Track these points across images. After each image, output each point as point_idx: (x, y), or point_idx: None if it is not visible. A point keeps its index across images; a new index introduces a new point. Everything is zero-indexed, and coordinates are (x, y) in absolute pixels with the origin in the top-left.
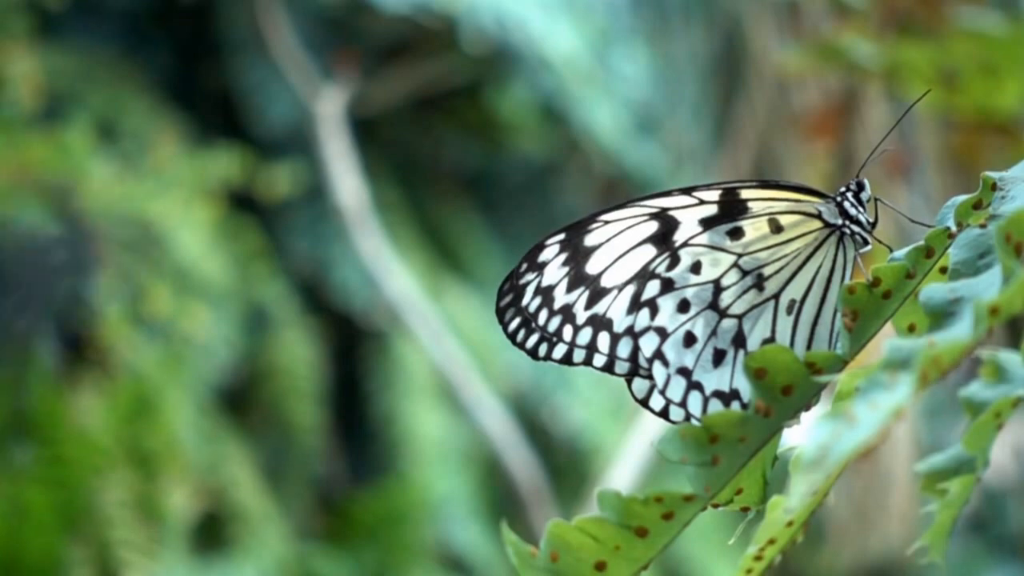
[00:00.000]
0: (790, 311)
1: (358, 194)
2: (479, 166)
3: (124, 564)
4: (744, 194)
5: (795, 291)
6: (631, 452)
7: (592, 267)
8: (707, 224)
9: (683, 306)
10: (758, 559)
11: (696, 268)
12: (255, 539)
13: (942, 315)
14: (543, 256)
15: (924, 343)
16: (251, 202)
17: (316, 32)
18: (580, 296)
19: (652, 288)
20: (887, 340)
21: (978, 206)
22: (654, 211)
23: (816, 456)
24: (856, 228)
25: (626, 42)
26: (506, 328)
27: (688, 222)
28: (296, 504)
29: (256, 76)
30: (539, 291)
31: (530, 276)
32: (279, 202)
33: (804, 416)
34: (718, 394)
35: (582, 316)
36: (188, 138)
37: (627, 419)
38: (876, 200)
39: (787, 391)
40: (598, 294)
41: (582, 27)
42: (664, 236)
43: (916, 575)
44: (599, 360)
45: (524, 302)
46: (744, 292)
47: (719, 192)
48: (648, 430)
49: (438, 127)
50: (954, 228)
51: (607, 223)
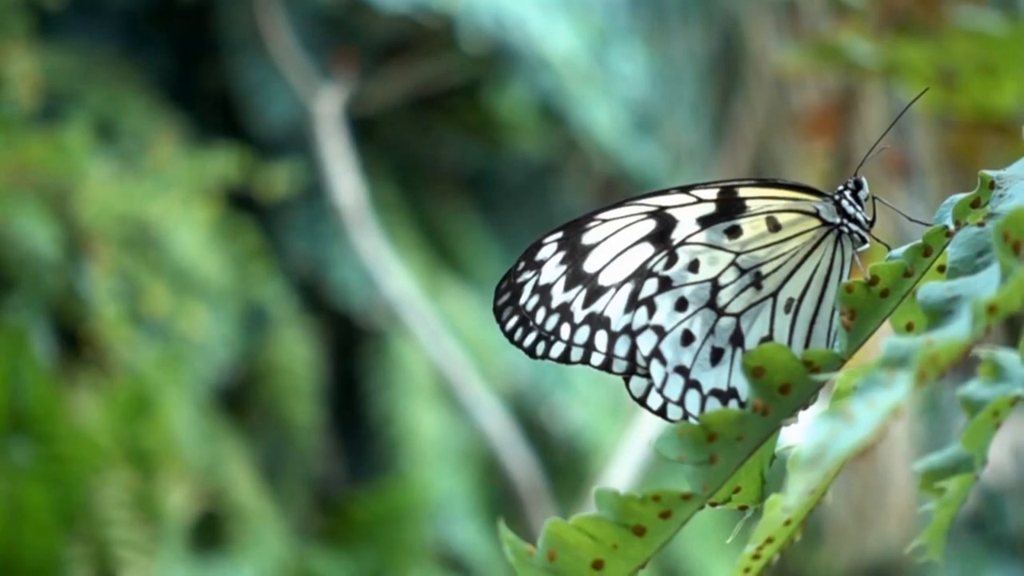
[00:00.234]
0: (788, 309)
1: (357, 194)
2: (478, 165)
3: (122, 563)
4: (742, 192)
5: (793, 290)
6: (630, 451)
7: (590, 265)
8: (705, 222)
9: (681, 304)
10: (756, 558)
11: (694, 266)
12: (253, 538)
13: (940, 313)
14: (541, 254)
15: (922, 341)
16: (250, 201)
17: (315, 32)
18: (578, 294)
19: (650, 286)
20: (885, 338)
21: (976, 204)
22: (652, 209)
23: (814, 454)
24: (854, 227)
25: (625, 42)
26: (504, 327)
27: (686, 220)
28: (294, 503)
29: (255, 76)
30: (537, 289)
31: (528, 274)
32: (278, 202)
33: (802, 415)
34: (716, 392)
35: (580, 314)
36: (187, 138)
37: (626, 418)
38: (874, 199)
39: (785, 390)
40: (596, 292)
41: (581, 27)
42: (662, 234)
43: (914, 574)
44: (597, 358)
45: (522, 301)
46: (742, 291)
47: (717, 190)
48: (647, 429)
49: (437, 127)
50: (952, 226)
51: (605, 221)
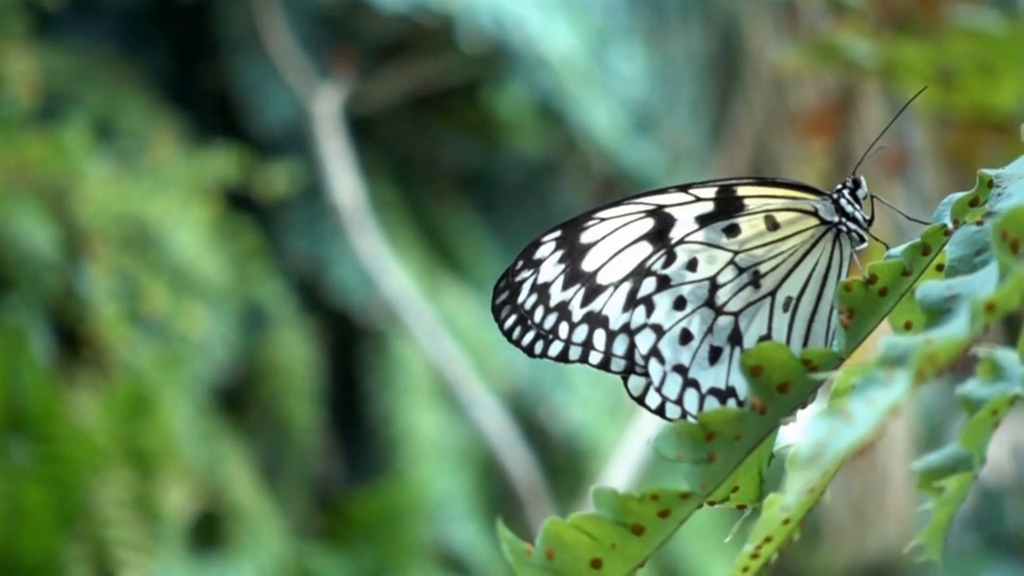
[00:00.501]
0: (786, 308)
1: (355, 193)
2: (477, 165)
3: (121, 563)
4: (740, 191)
5: (791, 288)
6: (628, 451)
7: (588, 264)
8: (703, 221)
9: (679, 303)
10: (754, 557)
11: (692, 265)
12: (252, 538)
13: (938, 312)
14: (539, 253)
15: (920, 340)
16: (248, 201)
17: (313, 31)
18: (576, 293)
19: (648, 285)
20: (883, 337)
21: (974, 203)
22: (650, 208)
23: (812, 453)
24: (852, 225)
25: (623, 41)
26: (502, 325)
27: (684, 219)
28: (293, 503)
29: (253, 75)
30: (535, 288)
31: (526, 273)
32: (276, 201)
33: (801, 413)
34: (714, 391)
35: (578, 313)
36: (185, 137)
37: (624, 418)
38: (872, 197)
39: (783, 388)
40: (594, 291)
41: (579, 26)
42: (660, 233)
43: (913, 574)
44: (595, 357)
45: (520, 299)
46: (740, 289)
47: (715, 189)
48: (645, 429)
49: (435, 126)
50: (951, 225)
51: (603, 220)
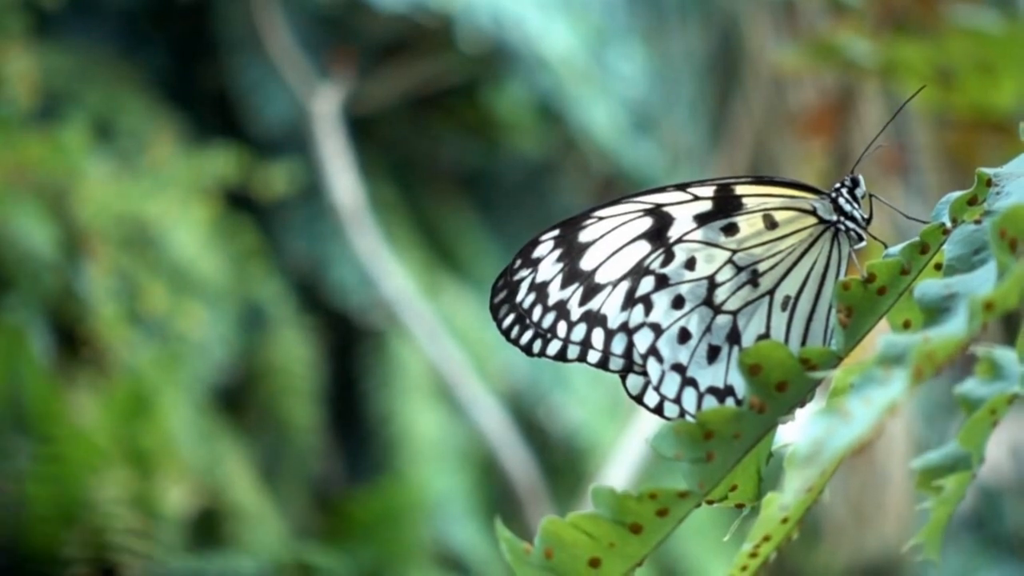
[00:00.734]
0: (785, 307)
1: (354, 193)
2: (476, 165)
3: (121, 561)
4: (739, 190)
5: (790, 287)
6: (627, 450)
7: (586, 263)
8: (702, 220)
9: (678, 302)
10: (753, 556)
11: (691, 264)
12: (252, 537)
13: (937, 311)
14: (537, 252)
15: (919, 339)
16: (247, 201)
17: (312, 31)
18: (574, 292)
19: (646, 284)
20: (882, 336)
21: (973, 202)
22: (648, 207)
23: (811, 452)
24: (851, 224)
25: (623, 41)
26: (500, 324)
27: (682, 218)
28: (292, 502)
29: (253, 75)
30: (533, 287)
31: (524, 272)
32: (275, 201)
33: (799, 412)
34: (713, 390)
35: (576, 312)
36: (185, 137)
37: (623, 417)
38: (871, 196)
39: (782, 387)
40: (592, 290)
41: (579, 26)
42: (659, 232)
43: (913, 573)
44: (593, 356)
45: (518, 298)
46: (739, 288)
47: (714, 188)
48: (644, 428)
49: (435, 126)
50: (949, 224)
51: (601, 219)
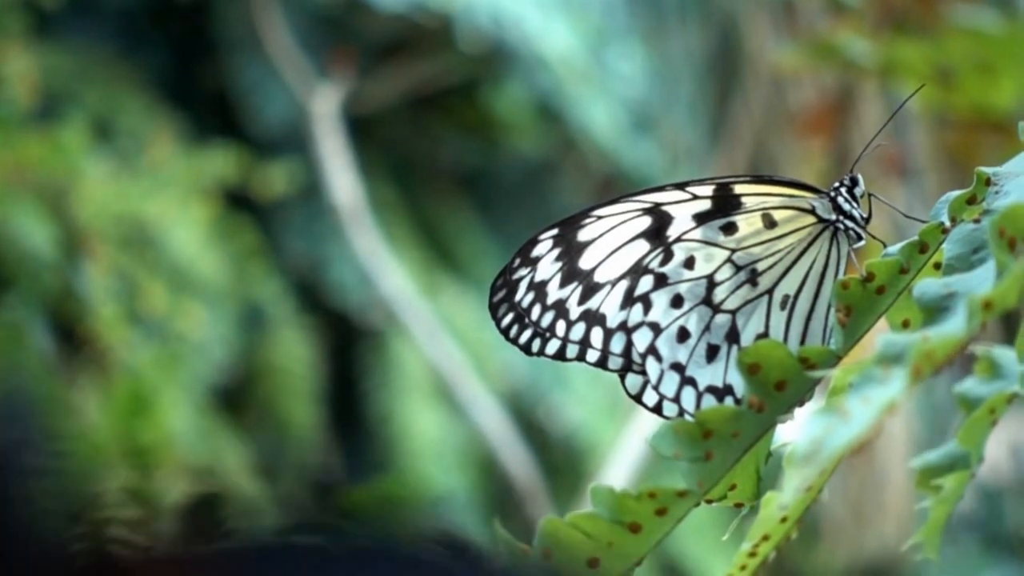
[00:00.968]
0: (784, 306)
1: (354, 193)
2: (475, 164)
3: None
4: (738, 189)
5: (789, 286)
6: (627, 450)
7: (585, 262)
8: (701, 219)
9: (676, 301)
10: (752, 555)
11: (689, 263)
12: None
13: (936, 310)
14: (536, 251)
15: (918, 338)
16: (247, 201)
17: (312, 31)
18: (573, 291)
19: (645, 283)
20: (881, 335)
21: (972, 201)
22: (647, 206)
23: (810, 451)
24: (850, 223)
25: (622, 40)
26: (499, 324)
27: (681, 217)
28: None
29: (252, 75)
30: (532, 286)
31: (523, 271)
32: (275, 201)
33: (798, 411)
34: (712, 389)
35: (575, 311)
36: (184, 137)
37: (623, 417)
38: (870, 195)
39: (781, 386)
40: (591, 289)
41: (578, 25)
42: (657, 231)
43: (912, 573)
44: (592, 355)
45: (517, 297)
46: (738, 287)
47: (713, 187)
48: (644, 428)
49: (434, 126)
50: (948, 223)
51: (600, 218)
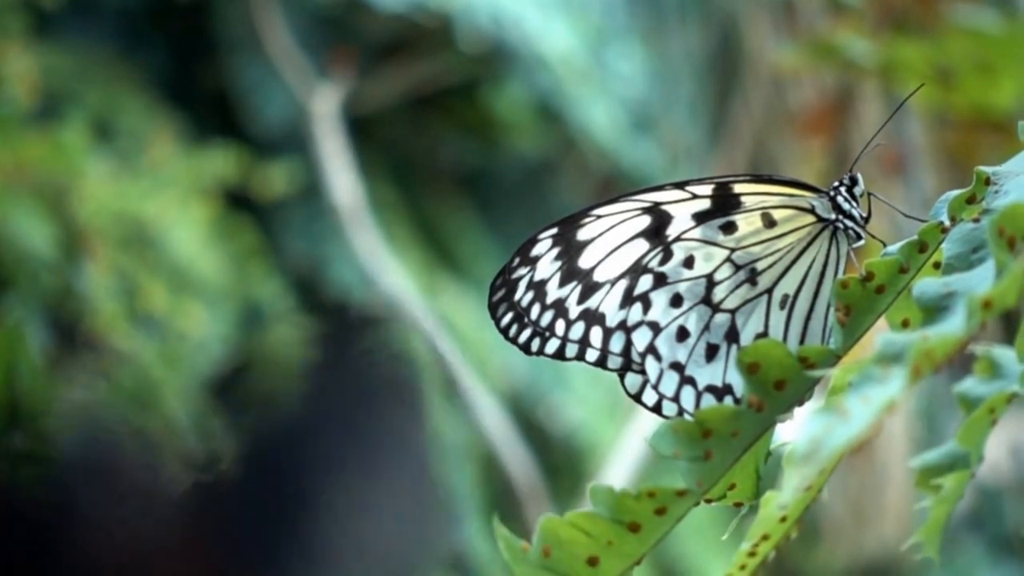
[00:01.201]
0: (783, 306)
1: (354, 192)
2: (475, 164)
3: None
4: (737, 189)
5: (788, 286)
6: (627, 450)
7: (585, 261)
8: (700, 218)
9: (676, 301)
10: (752, 555)
11: (689, 263)
12: None
13: (935, 309)
14: (535, 250)
15: (917, 337)
16: (247, 201)
17: (312, 31)
18: (573, 290)
19: (645, 282)
20: (880, 334)
21: (971, 200)
22: (647, 205)
23: (809, 450)
24: (849, 223)
25: (622, 40)
26: (498, 323)
27: (681, 216)
28: None
29: (252, 75)
30: (531, 286)
31: (522, 271)
32: (275, 200)
33: (797, 411)
34: (711, 389)
35: (575, 311)
36: (184, 137)
37: (623, 417)
38: (870, 195)
39: (780, 386)
40: (591, 288)
41: (578, 25)
42: (657, 231)
43: (912, 573)
44: (592, 355)
45: (516, 297)
46: (737, 287)
47: (712, 187)
48: (644, 428)
49: (434, 125)
50: (948, 223)
51: (600, 217)
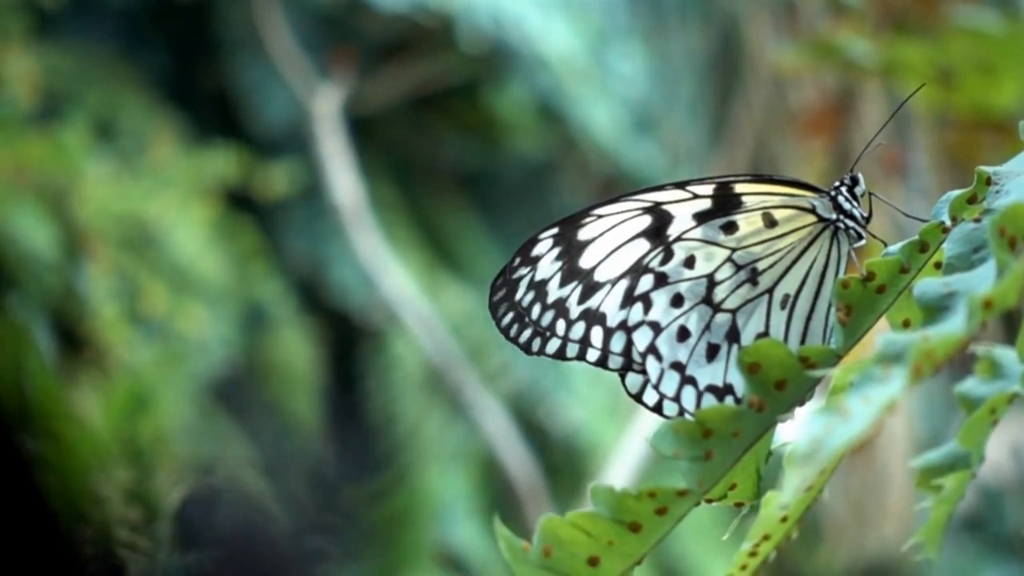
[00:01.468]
0: (784, 305)
1: (355, 193)
2: (476, 165)
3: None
4: (738, 188)
5: (789, 286)
6: (628, 450)
7: (585, 261)
8: (701, 218)
9: (677, 300)
10: (753, 555)
11: (690, 262)
12: None
13: (936, 309)
14: (536, 250)
15: (918, 337)
16: (248, 201)
17: (313, 31)
18: (573, 290)
19: (646, 282)
20: (881, 334)
21: (972, 200)
22: (647, 205)
23: (809, 450)
24: (850, 223)
25: (623, 41)
26: (499, 323)
27: (682, 216)
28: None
29: (253, 75)
30: (532, 285)
31: (523, 270)
32: (276, 201)
33: (798, 411)
34: (712, 389)
35: (575, 310)
36: (185, 137)
37: (624, 417)
38: (870, 195)
39: (781, 386)
40: (591, 288)
41: (579, 26)
42: (658, 230)
43: (913, 573)
44: (592, 355)
45: (517, 296)
46: (738, 286)
47: (713, 186)
48: (645, 428)
49: (435, 126)
50: (948, 223)
51: (600, 217)
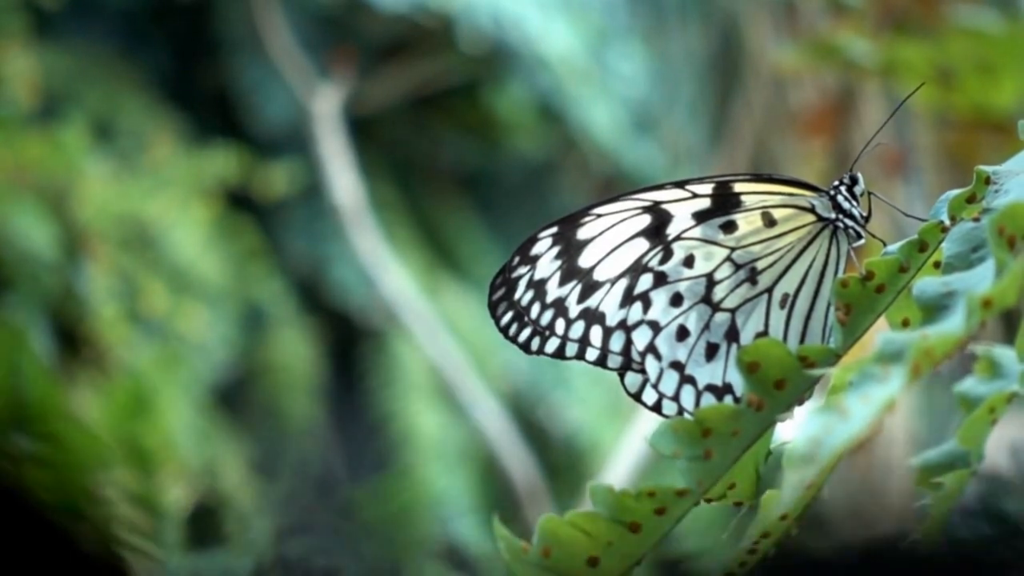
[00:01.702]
0: (783, 305)
1: (355, 193)
2: (476, 165)
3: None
4: (737, 188)
5: (788, 285)
6: (628, 450)
7: (585, 260)
8: (700, 218)
9: (676, 300)
10: (752, 552)
11: (689, 262)
12: (253, 536)
13: (935, 308)
14: (536, 249)
15: (917, 336)
16: (248, 201)
17: (313, 31)
18: (573, 290)
19: (645, 282)
20: (880, 333)
21: (971, 200)
22: (647, 204)
23: (808, 449)
24: (849, 222)
25: (623, 41)
26: (499, 322)
27: (681, 216)
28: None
29: (253, 75)
30: (532, 285)
31: (523, 270)
32: (276, 201)
33: (797, 410)
34: (711, 388)
35: (575, 310)
36: (185, 137)
37: (624, 417)
38: (870, 194)
39: (780, 385)
40: (591, 288)
41: (579, 26)
42: (657, 230)
43: None
44: (592, 354)
45: (516, 296)
46: (737, 286)
47: (712, 186)
48: (644, 428)
49: (435, 126)
50: (948, 222)
51: (600, 216)
